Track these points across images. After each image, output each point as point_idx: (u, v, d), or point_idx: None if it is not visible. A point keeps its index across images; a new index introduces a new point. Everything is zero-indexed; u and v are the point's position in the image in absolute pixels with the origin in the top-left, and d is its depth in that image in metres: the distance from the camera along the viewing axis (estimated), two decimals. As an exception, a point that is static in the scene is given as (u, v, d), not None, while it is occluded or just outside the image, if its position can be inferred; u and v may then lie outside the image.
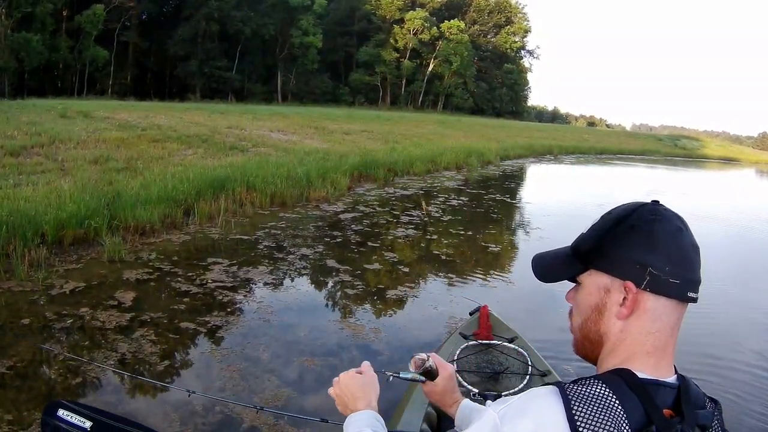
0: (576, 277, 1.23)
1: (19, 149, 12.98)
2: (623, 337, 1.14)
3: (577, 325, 1.23)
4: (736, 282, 9.70)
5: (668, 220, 1.14)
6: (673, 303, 1.12)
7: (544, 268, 1.30)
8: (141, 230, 8.62)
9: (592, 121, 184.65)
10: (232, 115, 29.80)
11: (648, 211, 1.16)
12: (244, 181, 11.80)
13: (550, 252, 1.32)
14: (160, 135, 18.31)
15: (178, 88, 64.28)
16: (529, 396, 1.12)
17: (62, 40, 51.60)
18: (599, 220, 1.21)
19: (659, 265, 1.10)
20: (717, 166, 54.82)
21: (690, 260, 1.13)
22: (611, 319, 1.15)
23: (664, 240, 1.12)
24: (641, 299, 1.12)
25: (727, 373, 5.81)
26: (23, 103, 25.91)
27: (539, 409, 1.06)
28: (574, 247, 1.25)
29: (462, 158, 23.86)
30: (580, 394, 1.04)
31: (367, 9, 79.35)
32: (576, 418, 1.01)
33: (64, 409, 2.38)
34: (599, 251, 1.17)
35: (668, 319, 1.13)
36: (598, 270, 1.18)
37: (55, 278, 6.61)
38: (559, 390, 1.07)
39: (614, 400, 1.02)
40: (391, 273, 8.28)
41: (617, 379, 1.07)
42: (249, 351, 5.31)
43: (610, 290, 1.15)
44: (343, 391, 1.59)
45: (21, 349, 4.89)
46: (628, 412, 1.01)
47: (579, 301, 1.23)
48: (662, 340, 1.13)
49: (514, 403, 1.11)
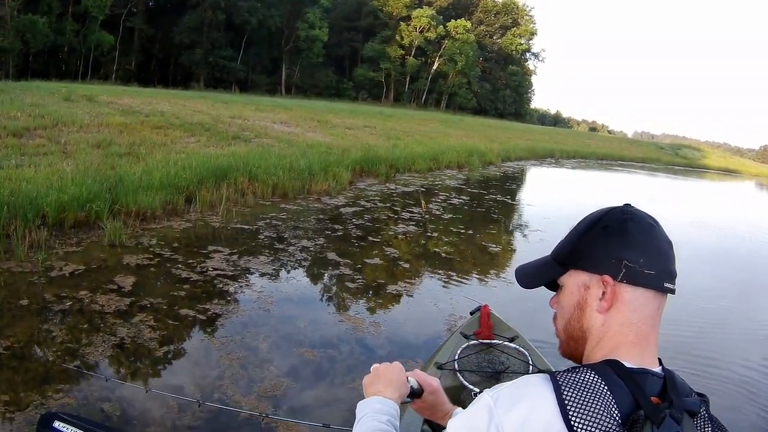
0: (557, 280, 1.29)
1: (22, 130, 12.92)
2: (605, 330, 1.19)
3: (562, 326, 1.29)
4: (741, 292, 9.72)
5: (640, 219, 1.21)
6: (651, 293, 1.17)
7: (527, 276, 1.38)
8: (142, 216, 8.58)
9: (594, 126, 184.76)
10: (236, 105, 29.76)
11: (619, 212, 1.23)
12: (246, 170, 11.75)
13: (531, 263, 1.39)
14: (163, 122, 18.27)
15: (182, 76, 64.29)
16: (521, 383, 1.15)
17: (68, 24, 51.48)
18: (575, 227, 1.29)
19: (634, 258, 1.16)
20: (717, 177, 54.84)
21: (664, 253, 1.19)
22: (593, 314, 1.20)
23: (636, 236, 1.18)
24: (619, 291, 1.17)
25: (723, 375, 5.81)
26: (27, 85, 25.83)
27: (532, 395, 1.09)
28: (554, 253, 1.32)
29: (464, 158, 23.82)
30: (571, 380, 1.08)
31: (375, 5, 79.29)
32: (567, 403, 1.05)
33: (60, 421, 2.37)
34: (577, 253, 1.24)
35: (648, 309, 1.17)
36: (577, 269, 1.24)
37: (55, 260, 6.58)
38: (550, 377, 1.11)
39: (603, 386, 1.06)
40: (392, 268, 8.26)
41: (606, 367, 1.10)
42: (248, 340, 5.28)
43: (589, 286, 1.21)
44: (389, 372, 1.58)
45: (18, 330, 4.85)
46: (617, 398, 1.04)
47: (562, 303, 1.28)
48: (644, 331, 1.17)
49: (506, 388, 1.14)
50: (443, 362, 3.61)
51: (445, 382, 3.50)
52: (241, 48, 66.02)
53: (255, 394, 4.34)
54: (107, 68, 56.74)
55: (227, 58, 64.45)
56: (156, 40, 63.83)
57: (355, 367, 5.05)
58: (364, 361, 5.19)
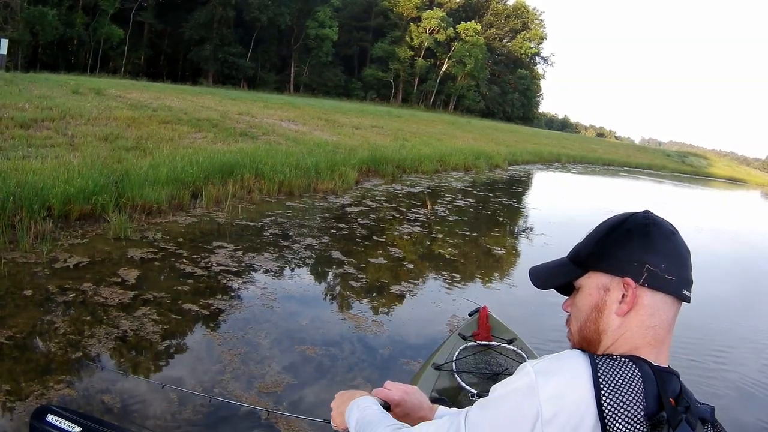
0: (574, 282, 1.29)
1: (29, 122, 12.95)
2: (622, 332, 1.19)
3: (576, 328, 1.29)
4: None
5: (661, 225, 1.22)
6: (670, 299, 1.19)
7: (543, 276, 1.37)
8: (148, 209, 8.59)
9: (602, 132, 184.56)
10: (244, 101, 29.77)
11: (642, 217, 1.24)
12: (252, 167, 11.76)
13: (546, 263, 1.40)
14: (171, 117, 18.28)
15: (191, 71, 64.35)
16: (562, 355, 1.17)
17: (78, 16, 51.47)
18: (595, 229, 1.29)
19: (656, 262, 1.17)
20: (723, 186, 54.68)
21: (684, 260, 1.21)
22: (611, 316, 1.21)
23: (659, 241, 1.19)
24: (640, 295, 1.18)
25: (726, 382, 5.79)
26: (36, 77, 25.86)
27: (570, 369, 1.12)
28: (572, 255, 1.32)
29: (470, 160, 23.79)
30: (608, 365, 1.10)
31: (385, 5, 79.34)
32: (601, 384, 1.07)
33: (53, 414, 2.36)
34: (598, 254, 1.24)
35: (665, 315, 1.19)
36: (597, 271, 1.24)
37: (60, 252, 6.59)
38: (589, 357, 1.13)
39: (639, 378, 1.08)
40: (395, 268, 8.25)
41: (639, 360, 1.12)
42: (250, 336, 5.28)
43: (609, 289, 1.21)
44: (339, 399, 1.63)
45: (21, 320, 4.86)
46: (647, 391, 1.07)
47: (578, 304, 1.28)
48: (661, 335, 1.18)
49: (548, 359, 1.15)
50: (441, 363, 3.61)
51: (443, 383, 3.51)
52: (250, 45, 66.02)
53: (256, 390, 4.33)
54: (116, 62, 56.75)
55: (236, 54, 64.44)
56: (165, 35, 63.87)
57: (356, 365, 5.04)
58: (366, 360, 5.19)
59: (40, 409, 2.42)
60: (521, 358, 3.69)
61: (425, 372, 3.61)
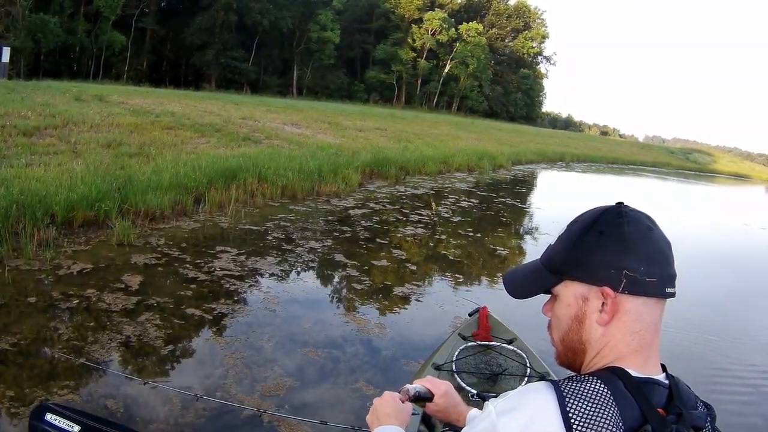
0: (551, 289, 1.23)
1: (32, 130, 12.99)
2: (606, 340, 1.14)
3: (558, 338, 1.23)
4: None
5: (636, 221, 1.14)
6: (653, 301, 1.12)
7: (518, 286, 1.31)
8: (151, 215, 8.61)
9: (606, 130, 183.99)
10: (247, 106, 29.81)
11: (614, 214, 1.15)
12: (255, 171, 11.77)
13: (519, 268, 1.33)
14: (174, 122, 18.33)
15: (193, 76, 64.47)
16: (524, 390, 1.12)
17: (80, 23, 51.67)
18: (566, 230, 1.22)
19: (634, 266, 1.09)
20: (728, 182, 54.58)
21: (664, 257, 1.13)
22: (592, 326, 1.15)
23: (635, 241, 1.11)
24: (620, 302, 1.11)
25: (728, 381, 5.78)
26: (38, 84, 25.95)
27: (533, 403, 1.06)
28: (545, 260, 1.25)
29: (474, 161, 23.78)
30: (575, 390, 1.04)
31: (386, 7, 79.40)
32: (570, 414, 1.01)
33: (52, 413, 2.35)
34: (572, 261, 1.17)
35: (650, 317, 1.12)
36: (572, 280, 1.17)
37: (63, 259, 6.61)
38: (553, 386, 1.07)
39: (609, 397, 1.02)
40: (399, 270, 8.26)
41: (612, 377, 1.07)
42: (253, 340, 5.30)
43: (587, 298, 1.15)
44: (383, 405, 1.60)
45: (25, 327, 4.88)
46: (622, 409, 1.01)
47: (558, 314, 1.22)
48: (647, 339, 1.13)
49: (509, 397, 1.11)
50: (441, 363, 3.61)
51: None
52: (252, 49, 66.14)
53: (258, 393, 4.34)
54: (119, 68, 56.93)
55: (239, 59, 64.57)
56: (167, 41, 64.01)
57: (359, 367, 5.05)
58: (368, 362, 5.19)
59: (39, 407, 2.42)
60: (521, 358, 3.69)
61: (425, 372, 3.60)
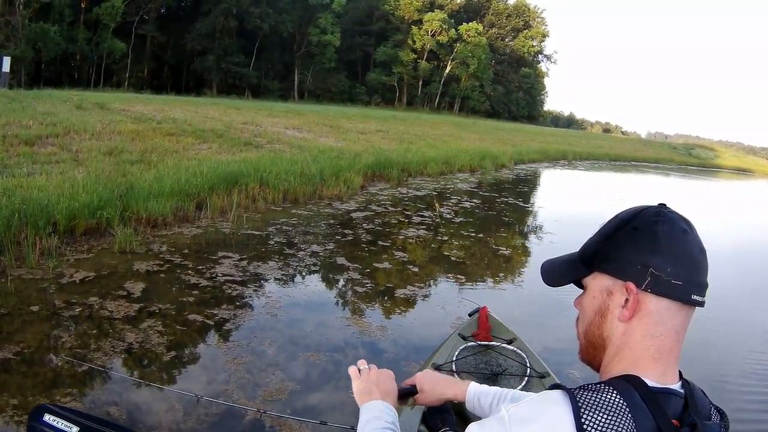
0: (581, 281, 1.23)
1: (34, 138, 13.03)
2: (626, 340, 1.13)
3: (582, 330, 1.23)
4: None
5: (672, 222, 1.13)
6: (677, 305, 1.10)
7: (551, 273, 1.31)
8: (153, 222, 8.64)
9: (608, 128, 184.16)
10: (248, 111, 29.84)
11: (652, 214, 1.15)
12: (257, 176, 11.79)
13: (558, 258, 1.33)
14: (175, 128, 18.37)
15: (194, 82, 64.66)
16: (539, 399, 1.11)
17: (80, 32, 51.85)
18: (606, 223, 1.21)
19: (661, 266, 1.09)
20: (732, 177, 54.46)
21: (694, 262, 1.12)
22: (614, 321, 1.14)
23: (666, 241, 1.11)
24: (643, 300, 1.11)
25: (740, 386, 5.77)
26: (39, 93, 26.01)
27: (549, 414, 1.05)
28: (580, 250, 1.25)
29: (476, 161, 23.77)
30: (590, 401, 1.04)
31: (386, 9, 79.47)
32: (585, 426, 1.00)
33: (50, 414, 2.35)
34: (603, 254, 1.17)
35: (672, 322, 1.11)
36: (601, 272, 1.17)
37: (66, 267, 6.63)
38: (569, 395, 1.06)
39: (624, 408, 1.01)
40: (401, 272, 8.26)
41: (628, 386, 1.05)
42: (255, 344, 5.31)
43: (612, 292, 1.15)
44: (385, 381, 1.68)
45: (29, 336, 4.90)
46: (637, 422, 1.00)
47: (584, 305, 1.22)
48: (667, 345, 1.11)
49: (524, 404, 1.10)
50: (440, 363, 3.61)
51: None
52: (253, 54, 66.29)
53: (260, 398, 4.35)
54: (119, 76, 57.10)
55: (239, 64, 64.72)
56: (168, 47, 64.20)
57: (361, 370, 5.04)
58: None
59: (37, 408, 2.42)
60: (521, 358, 3.69)
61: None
